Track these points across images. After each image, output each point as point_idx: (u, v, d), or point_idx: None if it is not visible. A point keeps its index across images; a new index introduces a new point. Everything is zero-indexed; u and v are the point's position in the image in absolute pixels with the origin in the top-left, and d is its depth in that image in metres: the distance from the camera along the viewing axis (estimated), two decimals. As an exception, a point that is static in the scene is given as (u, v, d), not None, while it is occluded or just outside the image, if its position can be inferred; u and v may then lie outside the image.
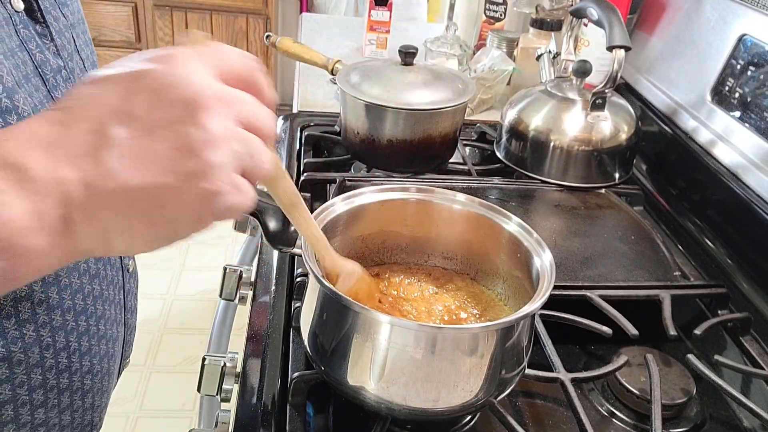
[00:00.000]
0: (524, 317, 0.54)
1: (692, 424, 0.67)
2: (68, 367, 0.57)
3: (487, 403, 0.57)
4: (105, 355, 0.61)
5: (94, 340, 0.59)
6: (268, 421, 0.61)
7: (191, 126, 0.35)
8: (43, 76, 0.52)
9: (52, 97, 0.52)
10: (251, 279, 0.88)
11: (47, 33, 0.53)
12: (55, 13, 0.56)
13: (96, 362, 0.60)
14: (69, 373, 0.57)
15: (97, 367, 0.60)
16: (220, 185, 0.36)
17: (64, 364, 0.57)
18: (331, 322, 0.56)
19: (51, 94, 0.52)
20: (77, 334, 0.58)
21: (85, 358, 0.59)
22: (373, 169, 1.04)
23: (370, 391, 0.54)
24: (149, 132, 0.35)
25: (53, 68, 0.53)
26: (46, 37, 0.53)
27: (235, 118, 0.37)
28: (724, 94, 0.99)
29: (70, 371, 0.57)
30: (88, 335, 0.59)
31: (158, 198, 0.36)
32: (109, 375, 0.63)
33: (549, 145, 1.02)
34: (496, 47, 1.38)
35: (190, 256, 2.58)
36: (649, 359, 0.68)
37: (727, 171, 0.94)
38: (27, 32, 0.51)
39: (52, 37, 0.54)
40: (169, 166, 0.35)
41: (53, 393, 0.57)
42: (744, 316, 0.78)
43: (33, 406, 0.55)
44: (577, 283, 0.78)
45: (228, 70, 0.38)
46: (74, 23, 0.60)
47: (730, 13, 1.00)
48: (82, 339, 0.58)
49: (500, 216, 0.66)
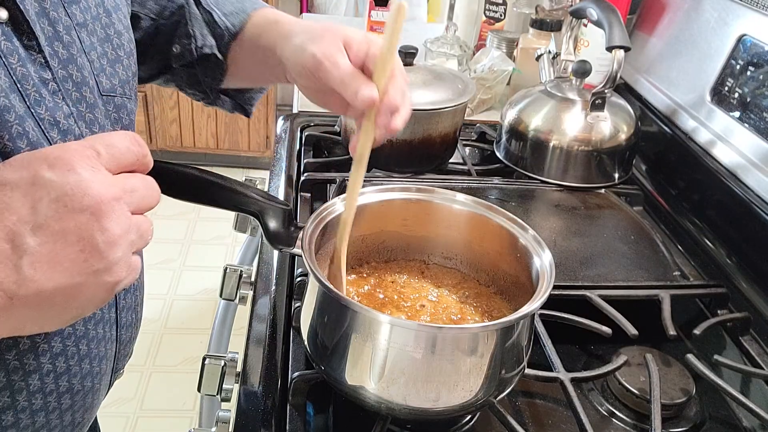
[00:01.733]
0: (524, 317, 0.54)
1: (692, 424, 0.67)
2: (41, 389, 0.54)
3: (486, 402, 0.57)
4: (88, 374, 0.59)
5: (73, 361, 0.56)
6: (268, 421, 0.61)
7: (97, 231, 0.40)
8: (23, 91, 0.48)
9: (32, 113, 0.49)
10: (251, 279, 0.88)
11: (34, 44, 0.50)
12: (54, 15, 0.52)
13: (76, 382, 0.57)
14: (43, 395, 0.55)
15: (77, 387, 0.57)
16: (121, 275, 0.42)
17: (35, 386, 0.53)
18: (331, 321, 0.56)
19: (31, 111, 0.49)
20: (51, 355, 0.54)
21: (63, 378, 0.55)
22: (373, 169, 1.04)
23: (370, 391, 0.54)
24: (58, 239, 0.39)
25: (36, 82, 0.49)
26: (32, 48, 0.50)
27: (129, 209, 0.42)
28: (723, 95, 0.99)
29: (43, 393, 0.55)
30: (66, 356, 0.55)
31: (69, 295, 0.40)
32: (93, 392, 0.61)
33: (549, 145, 1.02)
34: (495, 47, 1.38)
35: (191, 256, 2.58)
36: (649, 359, 0.68)
37: (726, 171, 0.95)
38: (9, 45, 0.48)
39: (39, 48, 0.50)
40: (78, 268, 0.40)
41: (25, 414, 0.54)
42: (743, 316, 0.79)
43: (2, 427, 0.53)
44: (577, 282, 0.79)
45: (115, 162, 0.43)
46: (86, 21, 0.56)
47: (730, 13, 1.00)
48: (57, 360, 0.54)
49: (500, 216, 0.66)
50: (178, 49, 0.76)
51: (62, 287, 0.40)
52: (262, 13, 0.75)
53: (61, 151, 0.41)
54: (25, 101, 0.49)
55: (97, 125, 0.56)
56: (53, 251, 0.39)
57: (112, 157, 0.42)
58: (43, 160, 0.40)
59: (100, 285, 0.41)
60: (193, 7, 0.75)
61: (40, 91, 0.50)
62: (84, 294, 0.41)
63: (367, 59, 0.60)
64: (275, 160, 1.09)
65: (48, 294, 0.39)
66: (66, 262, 0.39)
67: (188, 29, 0.75)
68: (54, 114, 0.51)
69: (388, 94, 0.58)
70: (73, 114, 0.53)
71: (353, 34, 0.62)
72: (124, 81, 0.61)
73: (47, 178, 0.39)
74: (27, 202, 0.39)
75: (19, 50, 0.49)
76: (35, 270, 0.39)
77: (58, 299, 0.40)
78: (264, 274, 0.82)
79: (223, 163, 3.10)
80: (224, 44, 0.76)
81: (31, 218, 0.39)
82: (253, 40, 0.75)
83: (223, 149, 3.06)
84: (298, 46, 0.64)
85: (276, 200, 0.61)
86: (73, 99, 0.54)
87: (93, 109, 0.56)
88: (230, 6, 0.76)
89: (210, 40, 0.76)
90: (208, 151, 3.06)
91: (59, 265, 0.39)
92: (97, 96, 0.57)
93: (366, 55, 0.60)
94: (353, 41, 0.61)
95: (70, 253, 0.39)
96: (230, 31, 0.75)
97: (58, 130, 0.51)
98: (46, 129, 0.50)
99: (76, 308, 0.42)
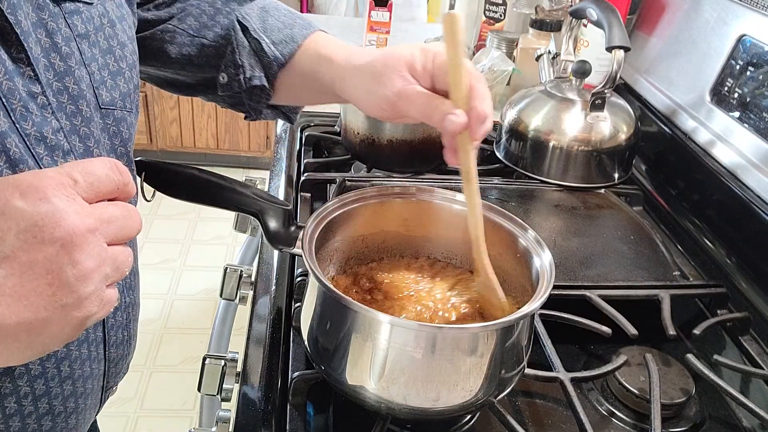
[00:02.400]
0: (524, 317, 0.54)
1: (691, 424, 0.67)
2: (18, 412, 0.52)
3: (486, 402, 0.57)
4: (71, 394, 0.56)
5: (54, 382, 0.54)
6: (268, 421, 0.61)
7: (67, 264, 0.38)
8: (8, 106, 0.46)
9: (17, 128, 0.47)
10: (252, 279, 0.88)
11: (23, 57, 0.48)
12: (53, 26, 0.51)
13: (58, 403, 0.55)
14: (20, 417, 0.53)
15: (59, 408, 0.55)
16: (92, 310, 0.40)
17: (12, 408, 0.52)
18: (331, 321, 0.56)
19: (16, 126, 0.47)
20: (29, 378, 0.52)
21: (42, 400, 0.53)
22: (373, 169, 1.04)
23: (370, 391, 0.54)
24: (25, 271, 0.37)
25: (23, 96, 0.48)
26: (21, 61, 0.48)
27: (105, 240, 0.40)
28: (723, 95, 0.99)
29: (21, 415, 0.53)
30: (45, 378, 0.53)
31: (34, 330, 0.38)
32: (78, 413, 0.59)
33: (548, 146, 1.02)
34: (495, 48, 1.38)
35: (191, 256, 2.58)
36: (649, 359, 0.68)
37: (726, 171, 0.95)
38: None
39: (29, 61, 0.48)
40: (45, 302, 0.38)
41: None
42: (743, 315, 0.79)
43: None
44: (577, 282, 0.79)
45: (94, 191, 0.41)
46: (88, 32, 0.54)
47: (730, 13, 1.00)
48: (35, 382, 0.52)
49: (500, 216, 0.66)
50: (225, 78, 0.74)
51: (26, 322, 0.37)
52: (313, 44, 0.72)
53: (34, 179, 0.38)
54: (9, 116, 0.47)
55: (93, 139, 0.55)
56: (18, 284, 0.37)
57: (90, 186, 0.40)
58: (15, 188, 0.38)
59: (67, 321, 0.39)
60: (240, 34, 0.72)
61: (27, 106, 0.48)
62: (49, 329, 0.39)
63: (435, 73, 0.59)
64: (275, 160, 1.09)
65: (11, 329, 0.37)
66: (32, 296, 0.37)
67: (236, 58, 0.72)
68: (41, 129, 0.49)
69: (474, 108, 0.57)
70: (63, 128, 0.51)
71: (413, 56, 0.60)
72: (125, 94, 0.59)
73: (17, 207, 0.37)
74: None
75: (6, 63, 0.47)
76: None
77: (21, 334, 0.38)
78: (264, 274, 0.82)
79: (223, 163, 3.10)
80: (272, 74, 0.73)
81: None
82: (304, 73, 0.72)
83: (223, 149, 3.06)
84: (363, 90, 0.63)
85: (276, 200, 0.61)
86: (68, 112, 0.52)
87: (89, 122, 0.54)
88: (279, 34, 0.73)
89: (258, 71, 0.73)
90: (208, 151, 3.06)
91: (24, 298, 0.37)
92: (94, 109, 0.55)
93: (433, 70, 0.59)
94: (416, 63, 0.60)
95: (36, 286, 0.37)
96: (279, 61, 0.72)
97: (45, 145, 0.49)
98: (31, 145, 0.48)
99: (41, 344, 0.39)
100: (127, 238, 0.42)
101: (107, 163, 0.42)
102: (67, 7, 0.53)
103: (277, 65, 0.73)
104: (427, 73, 0.60)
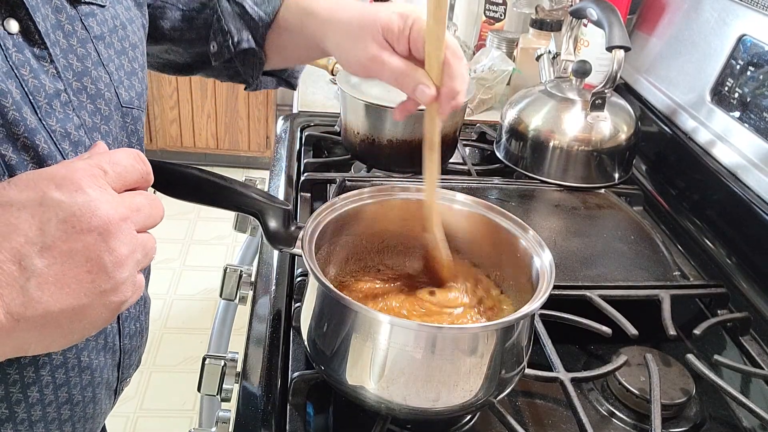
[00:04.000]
0: (524, 317, 0.54)
1: (692, 424, 0.67)
2: (40, 401, 0.54)
3: (486, 402, 0.57)
4: (89, 384, 0.58)
5: (74, 372, 0.56)
6: (268, 421, 0.61)
7: (104, 251, 0.40)
8: (35, 103, 0.48)
9: (44, 125, 0.49)
10: (251, 279, 0.88)
11: (46, 55, 0.50)
12: (69, 28, 0.52)
13: (76, 392, 0.57)
14: (42, 406, 0.54)
15: (77, 397, 0.57)
16: (127, 294, 0.42)
17: (34, 397, 0.53)
18: (331, 321, 0.56)
19: (43, 122, 0.49)
20: (51, 367, 0.54)
21: (62, 389, 0.55)
22: (373, 169, 1.04)
23: (370, 391, 0.54)
24: (66, 259, 0.39)
25: (49, 93, 0.50)
26: (44, 59, 0.50)
27: (135, 228, 0.42)
28: (723, 95, 0.99)
29: (42, 404, 0.54)
30: (66, 368, 0.55)
31: (75, 316, 0.40)
32: (95, 402, 0.60)
33: (549, 145, 1.02)
34: (495, 47, 1.38)
35: (191, 256, 2.58)
36: (649, 359, 0.68)
37: (726, 171, 0.95)
38: (20, 56, 0.48)
39: (51, 59, 0.50)
40: (85, 289, 0.40)
41: (24, 426, 0.54)
42: (743, 316, 0.79)
43: None
44: (577, 283, 0.79)
45: (121, 181, 0.43)
46: (103, 34, 0.56)
47: (730, 13, 1.00)
48: (57, 372, 0.54)
49: (500, 216, 0.66)
50: (215, 47, 0.75)
51: (69, 308, 0.39)
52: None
53: (67, 171, 0.40)
54: (36, 113, 0.48)
55: (111, 137, 0.56)
56: (60, 272, 0.39)
57: (118, 176, 0.42)
58: (50, 180, 0.39)
59: (105, 305, 0.41)
60: (223, 1, 0.74)
61: (52, 103, 0.50)
62: (90, 315, 0.41)
63: (412, 42, 0.59)
64: (275, 160, 1.09)
65: (54, 315, 0.39)
66: (73, 284, 0.39)
67: (222, 25, 0.74)
68: (65, 125, 0.51)
69: (446, 84, 0.58)
70: (84, 125, 0.53)
71: (389, 20, 0.61)
72: (140, 93, 0.61)
73: (55, 198, 0.39)
74: (35, 222, 0.39)
75: (31, 61, 0.48)
76: (42, 291, 0.38)
77: (64, 320, 0.40)
78: (264, 274, 0.82)
79: (223, 163, 3.10)
80: (260, 35, 0.75)
81: (39, 239, 0.38)
82: (290, 29, 0.73)
83: (223, 149, 3.06)
84: (341, 47, 0.64)
85: (276, 200, 0.61)
86: (89, 111, 0.53)
87: (108, 121, 0.56)
88: None
89: (245, 34, 0.74)
90: (208, 151, 3.06)
91: (66, 286, 0.39)
92: (113, 108, 0.57)
93: (411, 35, 0.59)
94: (393, 26, 0.60)
95: (77, 274, 0.39)
96: (264, 21, 0.74)
97: (70, 141, 0.51)
98: (57, 141, 0.50)
99: (81, 329, 0.41)
100: (153, 225, 0.44)
101: (131, 153, 0.44)
102: (82, 9, 0.54)
103: (262, 25, 0.74)
104: (403, 38, 0.60)
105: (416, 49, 0.60)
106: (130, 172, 0.43)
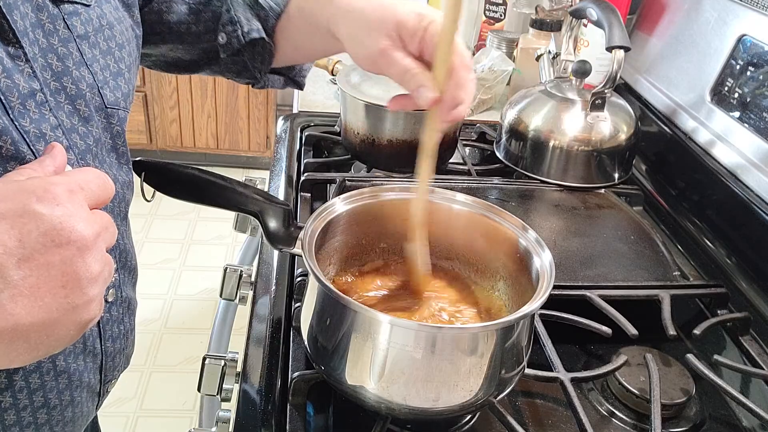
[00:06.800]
0: (524, 317, 0.54)
1: (691, 424, 0.67)
2: (13, 405, 0.53)
3: (486, 402, 0.57)
4: (66, 388, 0.57)
5: (49, 376, 0.55)
6: (268, 421, 0.61)
7: (81, 266, 0.40)
8: (6, 103, 0.47)
9: (16, 125, 0.48)
10: (251, 279, 0.88)
11: (21, 53, 0.48)
12: (50, 27, 0.51)
13: (53, 396, 0.56)
14: (16, 410, 0.53)
15: (54, 401, 0.56)
16: (95, 312, 0.42)
17: (7, 402, 0.52)
18: (331, 321, 0.56)
19: (15, 123, 0.48)
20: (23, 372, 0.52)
21: (37, 394, 0.54)
22: (373, 169, 1.04)
23: (370, 391, 0.54)
24: (42, 272, 0.38)
25: (23, 93, 0.48)
26: (19, 58, 0.48)
27: (104, 245, 0.43)
28: (723, 95, 0.99)
29: (17, 408, 0.53)
30: (40, 372, 0.54)
31: (44, 330, 0.39)
32: (74, 406, 0.59)
33: (549, 146, 1.02)
34: (495, 47, 1.38)
35: (191, 256, 2.58)
36: (649, 359, 0.68)
37: (726, 171, 0.95)
38: None
39: (27, 58, 0.49)
40: (58, 303, 0.39)
41: None
42: (743, 315, 0.79)
43: None
44: (577, 283, 0.79)
45: (95, 199, 0.43)
46: (87, 33, 0.55)
47: (730, 13, 1.00)
48: (31, 377, 0.53)
49: (500, 216, 0.66)
50: (224, 38, 0.73)
51: (39, 322, 0.38)
52: None
53: (48, 185, 0.40)
54: (7, 113, 0.47)
55: (92, 138, 0.55)
56: (35, 285, 0.38)
57: (92, 193, 0.42)
58: (30, 193, 0.39)
59: (74, 322, 0.40)
60: None
61: (26, 103, 0.49)
62: (57, 331, 0.40)
63: (424, 44, 0.59)
64: (275, 160, 1.09)
65: (24, 329, 0.38)
66: (47, 297, 0.38)
67: (232, 15, 0.72)
68: (40, 126, 0.49)
69: (449, 90, 0.57)
70: (62, 126, 0.52)
71: (406, 17, 0.59)
72: (126, 94, 0.60)
73: (37, 210, 0.38)
74: (14, 234, 0.38)
75: (4, 60, 0.47)
76: (15, 303, 0.37)
77: (33, 335, 0.39)
78: (264, 274, 0.82)
79: (223, 163, 3.10)
80: (270, 25, 0.73)
81: (18, 251, 0.38)
82: (302, 18, 0.72)
83: (223, 149, 3.06)
84: (352, 36, 0.63)
85: (276, 200, 0.61)
86: (66, 111, 0.52)
87: (88, 122, 0.55)
88: None
89: (255, 24, 0.73)
90: (208, 151, 3.06)
91: (40, 299, 0.38)
92: (95, 109, 0.56)
93: (424, 36, 0.59)
94: (407, 26, 0.59)
95: (52, 287, 0.39)
96: (275, 11, 0.72)
97: (45, 142, 0.50)
98: (31, 142, 0.49)
99: (46, 345, 0.40)
100: (111, 245, 0.44)
101: (100, 174, 0.44)
102: (66, 8, 0.53)
103: (273, 15, 0.73)
104: (416, 38, 0.59)
105: (428, 53, 0.59)
106: (102, 190, 0.44)
